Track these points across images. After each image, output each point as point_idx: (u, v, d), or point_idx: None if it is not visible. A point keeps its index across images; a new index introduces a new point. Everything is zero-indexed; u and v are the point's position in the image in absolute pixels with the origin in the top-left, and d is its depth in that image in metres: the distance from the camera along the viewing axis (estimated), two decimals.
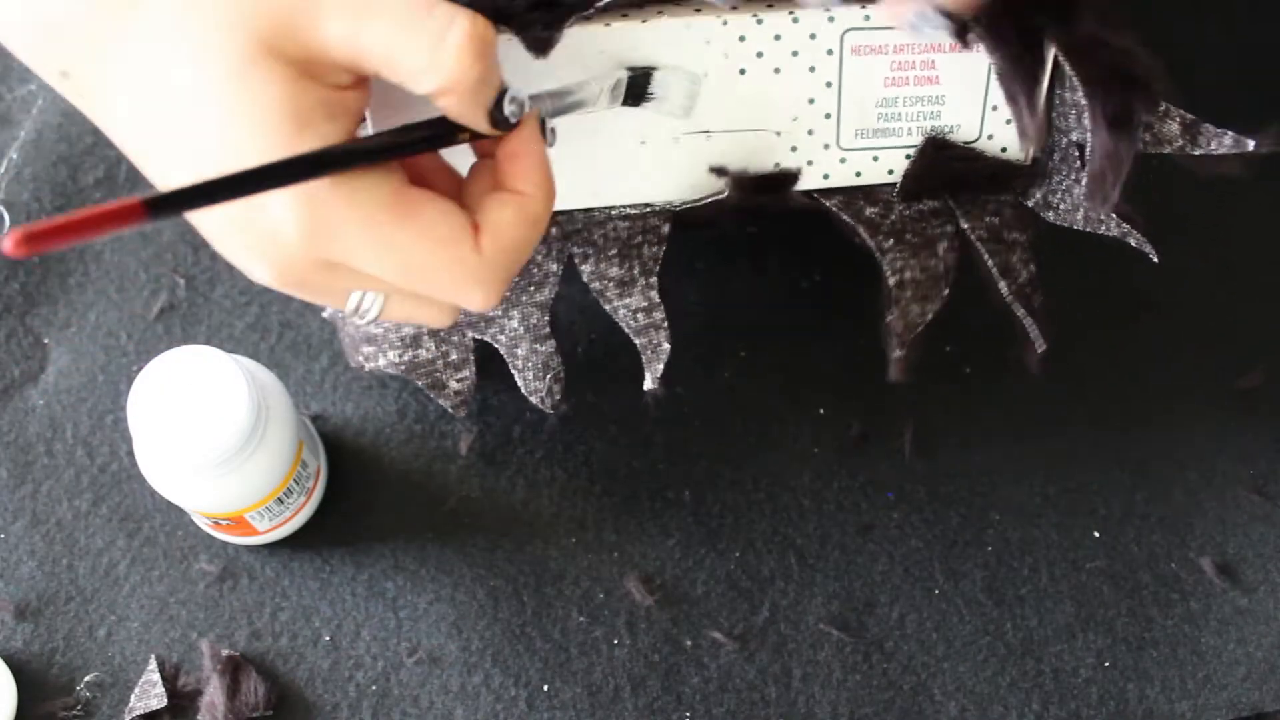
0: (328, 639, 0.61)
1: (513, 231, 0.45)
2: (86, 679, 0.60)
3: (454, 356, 0.59)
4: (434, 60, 0.42)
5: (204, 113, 0.42)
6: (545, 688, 0.60)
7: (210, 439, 0.54)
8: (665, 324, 0.56)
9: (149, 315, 0.67)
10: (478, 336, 0.58)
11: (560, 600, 0.62)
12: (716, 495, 0.64)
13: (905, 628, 0.62)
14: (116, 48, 0.43)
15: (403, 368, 0.59)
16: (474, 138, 0.46)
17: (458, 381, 0.60)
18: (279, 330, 0.66)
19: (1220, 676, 0.61)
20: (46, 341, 0.66)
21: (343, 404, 0.65)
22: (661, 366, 0.57)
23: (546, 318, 0.57)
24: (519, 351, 0.58)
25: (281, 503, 0.59)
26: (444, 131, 0.45)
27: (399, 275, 0.44)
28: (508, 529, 0.63)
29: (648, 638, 0.61)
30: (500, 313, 0.57)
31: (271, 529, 0.61)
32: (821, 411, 0.65)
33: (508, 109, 0.45)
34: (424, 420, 0.65)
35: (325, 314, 0.61)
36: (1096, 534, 0.64)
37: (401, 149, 0.44)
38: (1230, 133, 0.52)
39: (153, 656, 0.61)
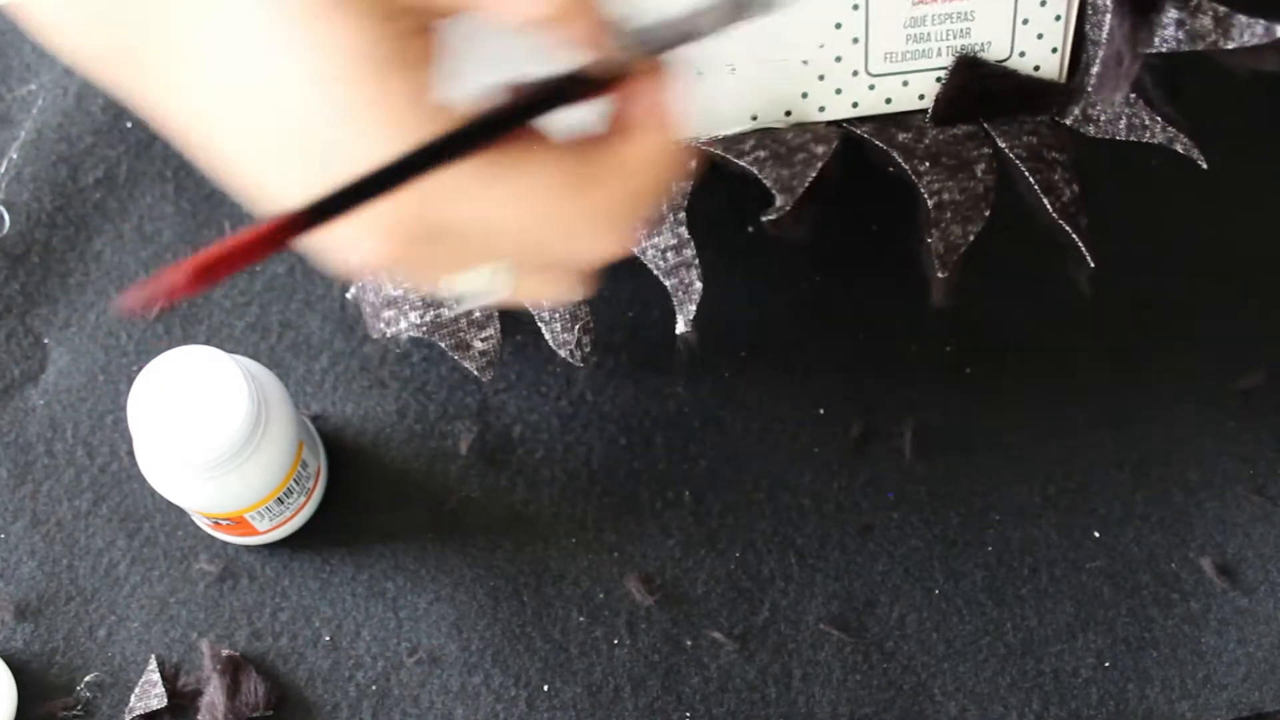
0: (328, 639, 0.61)
1: (644, 173, 0.40)
2: (86, 679, 0.60)
3: (477, 314, 0.57)
4: None
5: (277, 65, 0.37)
6: (545, 688, 0.60)
7: (210, 439, 0.54)
8: (696, 261, 0.54)
9: (149, 315, 0.67)
10: None
11: (560, 600, 0.62)
12: (716, 495, 0.64)
13: (905, 628, 0.62)
14: (181, 7, 0.39)
15: (425, 329, 0.57)
16: (589, 91, 0.40)
17: (482, 341, 0.57)
18: (279, 330, 0.66)
19: (1220, 676, 0.61)
20: (46, 341, 0.66)
21: (343, 404, 0.65)
22: (694, 307, 0.55)
23: None
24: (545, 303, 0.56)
25: (281, 503, 0.59)
26: (565, 85, 0.40)
27: (519, 233, 0.39)
28: (508, 529, 0.63)
29: (648, 638, 0.61)
30: None
31: (271, 529, 0.61)
32: (821, 411, 0.65)
33: (628, 42, 0.40)
34: (424, 420, 0.65)
35: (349, 294, 0.59)
36: (1096, 534, 0.64)
37: (531, 110, 0.39)
38: (1263, 22, 0.51)
39: (153, 656, 0.61)
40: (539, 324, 0.56)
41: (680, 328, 0.54)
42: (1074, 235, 0.55)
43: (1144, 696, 0.61)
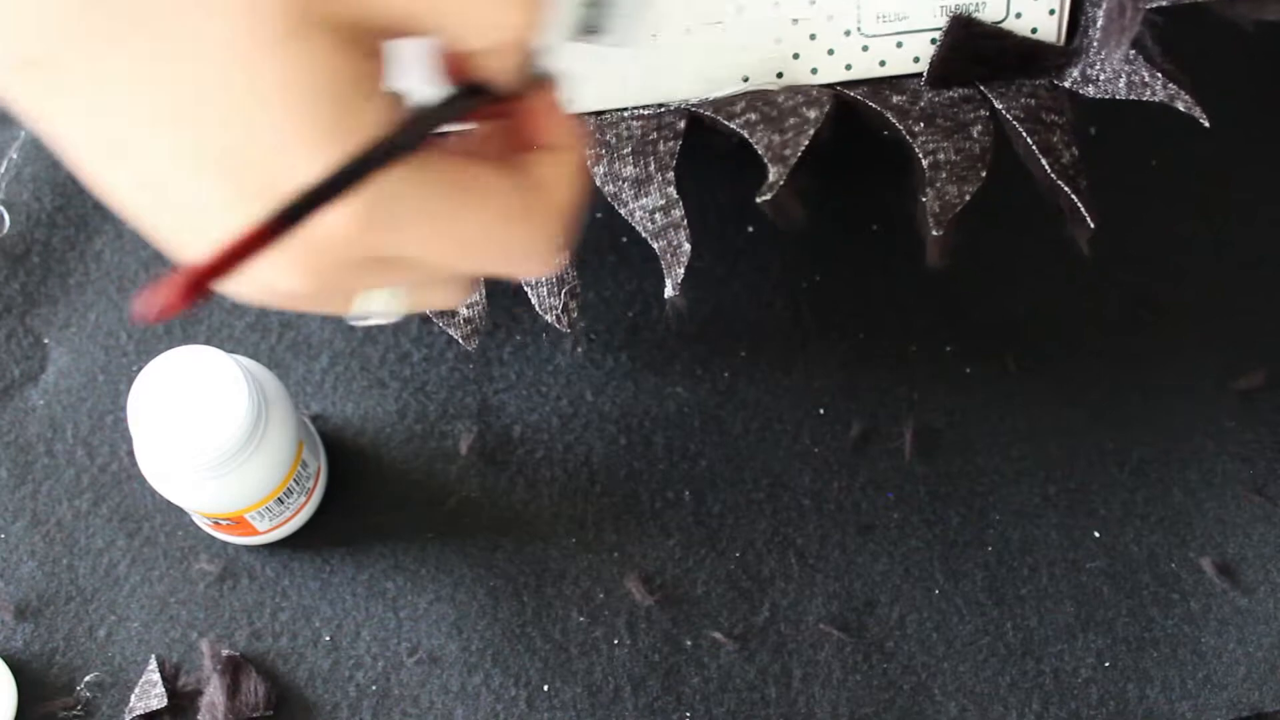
0: (328, 639, 0.61)
1: (565, 188, 0.41)
2: (86, 679, 0.60)
3: None
4: (501, 9, 0.37)
5: (228, 95, 0.35)
6: (545, 688, 0.60)
7: (210, 439, 0.54)
8: (685, 222, 0.53)
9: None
10: None
11: (560, 600, 0.62)
12: (716, 495, 0.64)
13: (905, 628, 0.62)
14: (112, 22, 0.36)
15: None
16: (491, 105, 0.40)
17: (468, 308, 0.56)
18: (279, 330, 0.66)
19: (1220, 676, 0.61)
20: (46, 341, 0.66)
21: (343, 404, 0.65)
22: (682, 270, 0.54)
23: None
24: None
25: (281, 503, 0.59)
26: (472, 100, 0.40)
27: (456, 258, 0.39)
28: (508, 529, 0.63)
29: (648, 638, 0.61)
30: None
31: (271, 529, 0.61)
32: (821, 411, 0.65)
33: (540, 63, 0.40)
34: (424, 420, 0.65)
35: None
36: (1096, 534, 0.64)
37: (445, 120, 0.39)
38: None
39: (153, 656, 0.61)
40: (525, 289, 0.55)
41: (669, 291, 0.53)
42: (1073, 196, 0.54)
43: (1144, 696, 0.61)
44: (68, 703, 0.60)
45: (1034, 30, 0.53)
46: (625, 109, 0.53)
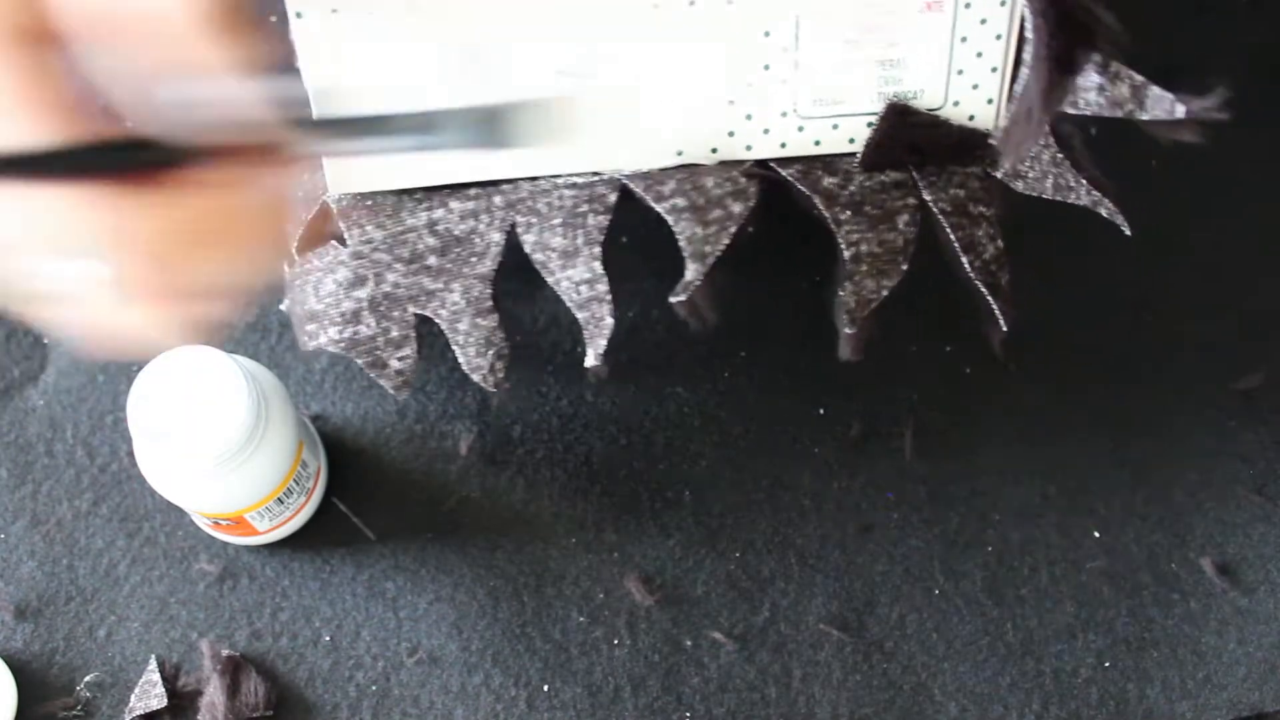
0: (328, 639, 0.61)
1: (254, 247, 0.38)
2: (86, 679, 0.60)
3: (395, 333, 0.56)
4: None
5: None
6: (545, 688, 0.60)
7: (210, 439, 0.54)
8: (609, 297, 0.54)
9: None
10: (418, 311, 0.56)
11: (560, 600, 0.62)
12: (716, 495, 0.64)
13: (905, 628, 0.62)
14: None
15: (343, 345, 0.56)
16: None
17: (399, 360, 0.57)
18: (279, 330, 0.66)
19: (1220, 676, 0.61)
20: (46, 341, 0.66)
21: (343, 404, 0.65)
22: (604, 342, 0.55)
23: (489, 290, 0.55)
24: (460, 326, 0.56)
25: (281, 503, 0.59)
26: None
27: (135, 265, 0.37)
28: (508, 529, 0.63)
29: (648, 638, 0.61)
30: (441, 285, 0.55)
31: (271, 529, 0.61)
32: (821, 411, 0.65)
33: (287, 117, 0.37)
34: (424, 420, 0.65)
35: (283, 305, 0.58)
36: (1096, 534, 0.64)
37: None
38: (1172, 97, 0.51)
39: (153, 656, 0.61)
40: (454, 347, 0.56)
41: (589, 361, 0.54)
42: (989, 297, 0.54)
43: (1144, 696, 0.61)
44: (68, 703, 0.60)
45: (971, 118, 0.53)
46: (558, 175, 0.53)
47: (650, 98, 0.52)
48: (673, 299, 0.53)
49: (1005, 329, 0.55)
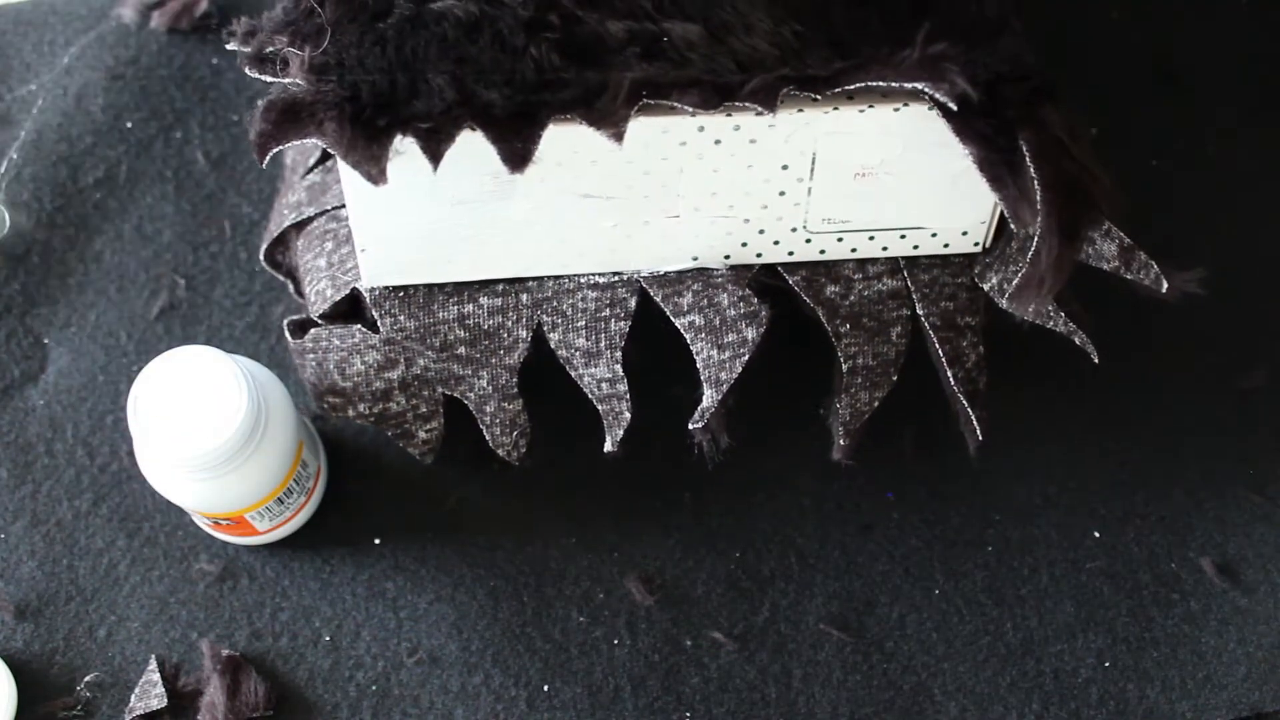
0: (328, 639, 0.61)
1: None
2: (86, 679, 0.60)
3: (423, 409, 0.60)
4: None
5: None
6: (545, 688, 0.60)
7: (210, 439, 0.54)
8: (628, 395, 0.57)
9: (149, 315, 0.67)
10: (447, 393, 0.59)
11: (560, 600, 0.62)
12: (716, 495, 0.64)
13: (905, 628, 0.62)
14: None
15: (372, 419, 0.60)
16: None
17: (426, 432, 0.61)
18: (279, 330, 0.66)
19: (1220, 676, 0.61)
20: (46, 341, 0.66)
21: None
22: (621, 432, 0.58)
23: (515, 379, 0.58)
24: (487, 409, 0.59)
25: (281, 503, 0.59)
26: None
27: None
28: (508, 529, 0.63)
29: (648, 638, 0.61)
30: (470, 372, 0.58)
31: (271, 529, 0.61)
32: (822, 411, 0.65)
33: None
34: None
35: (292, 344, 0.60)
36: (1096, 534, 0.64)
37: None
38: (1156, 267, 0.54)
39: (153, 656, 0.61)
40: (480, 426, 0.59)
41: (608, 447, 0.58)
42: (968, 409, 0.58)
43: (1144, 696, 0.61)
44: (68, 703, 0.60)
45: (964, 234, 0.57)
46: (581, 275, 0.57)
47: (672, 216, 0.55)
48: (691, 425, 0.57)
49: (980, 439, 0.58)
